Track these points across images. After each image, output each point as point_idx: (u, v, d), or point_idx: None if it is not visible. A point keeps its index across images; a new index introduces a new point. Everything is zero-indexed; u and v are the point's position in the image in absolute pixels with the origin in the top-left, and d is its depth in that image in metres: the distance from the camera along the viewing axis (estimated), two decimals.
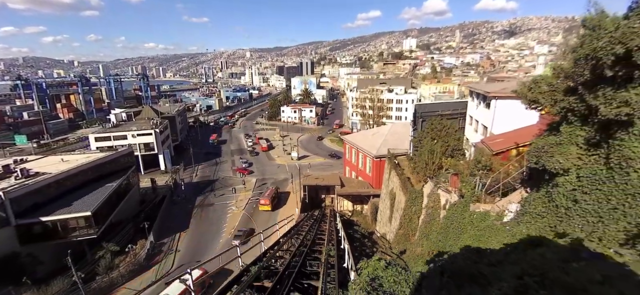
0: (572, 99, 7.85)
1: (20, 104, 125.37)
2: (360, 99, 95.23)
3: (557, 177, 8.48)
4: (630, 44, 5.92)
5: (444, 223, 14.37)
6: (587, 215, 7.38)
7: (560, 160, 8.04)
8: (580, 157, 7.93)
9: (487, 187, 12.16)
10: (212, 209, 46.72)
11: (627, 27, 6.14)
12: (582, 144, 7.96)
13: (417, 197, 19.53)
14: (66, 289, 27.69)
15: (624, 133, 7.03)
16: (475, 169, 13.50)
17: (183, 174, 61.49)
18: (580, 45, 7.33)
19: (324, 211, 38.19)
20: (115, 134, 59.45)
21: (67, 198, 34.38)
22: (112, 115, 74.33)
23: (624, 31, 6.10)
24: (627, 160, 6.95)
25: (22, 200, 31.20)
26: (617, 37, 6.10)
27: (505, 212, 11.19)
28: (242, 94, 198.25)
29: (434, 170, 19.55)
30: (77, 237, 32.01)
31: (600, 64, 6.53)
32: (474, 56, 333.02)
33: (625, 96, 6.48)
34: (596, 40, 6.58)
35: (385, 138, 42.98)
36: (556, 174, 8.42)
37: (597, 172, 7.60)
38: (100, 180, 39.01)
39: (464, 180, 14.02)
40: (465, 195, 12.97)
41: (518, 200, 11.02)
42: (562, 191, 8.25)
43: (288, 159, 70.11)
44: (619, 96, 6.62)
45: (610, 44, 6.19)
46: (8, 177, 34.78)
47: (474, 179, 13.08)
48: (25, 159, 41.98)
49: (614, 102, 6.66)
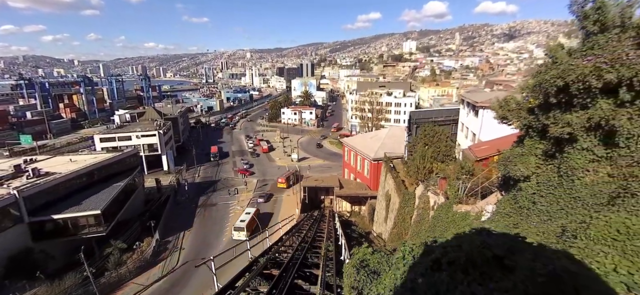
0: (531, 117, 9.39)
1: (23, 103, 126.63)
2: (359, 102, 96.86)
3: (520, 183, 10.02)
4: (568, 79, 7.47)
5: (432, 222, 15.89)
6: (541, 214, 8.91)
7: (522, 168, 9.58)
8: (539, 166, 9.47)
9: (468, 190, 13.69)
10: (214, 208, 48.18)
11: (567, 64, 7.69)
12: (540, 155, 9.51)
13: (410, 199, 21.06)
14: (78, 284, 29.09)
15: (570, 147, 8.58)
16: (460, 173, 15.03)
17: (186, 174, 62.95)
18: (536, 74, 8.88)
19: (323, 212, 39.72)
20: (120, 134, 60.89)
21: (77, 197, 35.84)
22: (116, 116, 75.81)
23: (564, 68, 7.65)
24: (572, 169, 8.49)
25: (34, 198, 32.65)
26: (559, 72, 7.64)
27: (483, 212, 12.73)
28: (242, 95, 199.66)
29: (425, 174, 21.09)
30: (87, 234, 33.45)
31: (547, 92, 8.08)
32: (474, 59, 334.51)
33: (568, 118, 8.02)
34: (544, 73, 8.13)
35: (383, 141, 44.50)
36: (520, 180, 9.96)
37: (551, 178, 9.14)
38: (107, 180, 40.48)
39: (450, 183, 15.56)
40: (449, 197, 14.50)
41: (494, 202, 12.55)
42: (524, 194, 9.78)
43: (288, 160, 71.62)
44: (563, 118, 8.17)
45: (553, 78, 7.73)
46: (20, 177, 36.27)
47: (457, 182, 14.61)
48: (35, 159, 43.41)
49: (560, 122, 8.21)
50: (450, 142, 24.45)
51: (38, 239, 32.23)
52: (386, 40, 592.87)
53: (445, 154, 22.27)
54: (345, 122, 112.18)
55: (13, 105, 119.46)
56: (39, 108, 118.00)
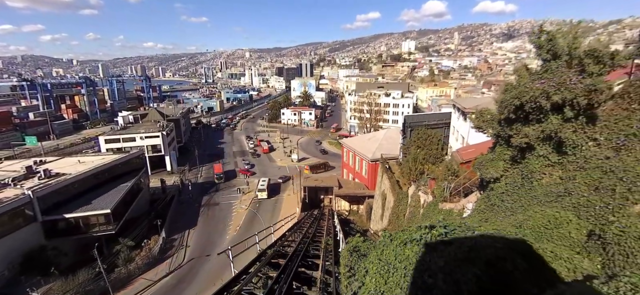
0: (499, 128, 11.05)
1: (25, 104, 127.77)
2: (358, 102, 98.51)
3: (492, 184, 11.69)
4: (523, 99, 9.13)
5: (421, 219, 17.55)
6: (507, 210, 10.58)
7: (492, 172, 11.24)
8: (506, 170, 11.14)
9: (452, 190, 15.35)
10: (218, 208, 49.79)
11: (523, 86, 9.35)
12: (508, 160, 11.17)
13: (403, 198, 22.72)
14: (90, 279, 30.67)
15: (530, 154, 10.25)
16: (446, 175, 16.69)
17: (188, 174, 64.50)
18: (502, 92, 10.54)
19: (323, 211, 41.37)
20: (124, 136, 62.36)
21: (87, 196, 37.41)
22: (120, 118, 77.27)
23: (520, 90, 9.31)
24: (531, 173, 10.16)
25: (47, 198, 34.20)
26: (516, 93, 9.30)
27: (464, 209, 14.39)
28: (242, 96, 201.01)
29: (417, 175, 22.76)
30: (97, 232, 35.03)
31: (508, 109, 9.74)
32: (472, 59, 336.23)
33: (526, 130, 9.69)
34: (506, 93, 9.79)
35: (380, 143, 46.15)
36: (491, 181, 11.63)
37: (516, 180, 10.81)
38: (115, 180, 42.02)
39: (438, 184, 17.22)
40: (436, 196, 16.16)
41: (474, 200, 14.22)
42: (495, 193, 11.45)
43: (288, 161, 73.22)
44: (522, 130, 9.84)
45: (512, 98, 9.40)
46: (32, 177, 37.79)
47: (444, 183, 16.26)
48: (45, 160, 44.89)
49: (520, 134, 9.87)
50: (442, 145, 26.10)
51: (51, 237, 33.80)
52: (385, 40, 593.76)
53: (436, 156, 23.93)
54: (345, 123, 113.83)
55: (15, 107, 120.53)
56: (41, 109, 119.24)
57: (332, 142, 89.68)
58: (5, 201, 30.69)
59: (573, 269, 5.32)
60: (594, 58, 8.50)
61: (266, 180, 55.07)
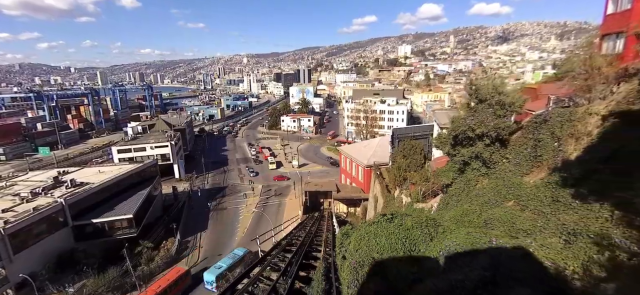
0: (449, 148, 15.47)
1: (32, 115, 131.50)
2: (354, 110, 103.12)
3: (447, 188, 16.09)
4: (456, 131, 13.55)
5: None
6: (453, 208, 14.94)
7: (445, 179, 15.63)
8: (454, 178, 15.54)
9: (424, 193, 19.71)
10: (225, 212, 53.90)
11: (457, 122, 13.77)
12: (456, 171, 15.57)
13: (391, 200, 27.05)
14: (117, 277, 34.67)
15: (468, 168, 14.66)
16: (421, 180, 21.06)
17: (196, 181, 68.56)
18: (451, 123, 14.96)
19: (322, 213, 45.65)
20: (136, 146, 66.48)
21: (110, 203, 41.53)
22: (129, 128, 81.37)
23: (456, 124, 13.74)
24: (469, 180, 14.57)
25: (75, 205, 38.28)
26: (453, 127, 13.73)
27: (432, 208, 18.75)
28: (242, 103, 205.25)
29: (401, 180, 27.11)
30: (121, 235, 39.07)
31: (451, 136, 14.17)
32: (467, 63, 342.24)
33: (462, 151, 14.10)
34: (452, 124, 14.21)
35: (375, 150, 50.53)
36: (446, 186, 16.02)
37: (460, 186, 15.21)
38: (133, 188, 46.16)
39: (415, 188, 21.57)
40: (412, 197, 20.51)
41: (438, 200, 18.58)
42: (448, 195, 15.84)
43: (289, 167, 77.43)
44: (461, 151, 14.25)
45: (449, 131, 13.82)
46: (59, 187, 41.87)
47: (418, 187, 20.62)
48: (67, 171, 48.95)
49: (459, 154, 14.27)
50: (424, 155, 30.46)
51: (80, 239, 37.83)
52: (382, 44, 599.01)
53: (418, 164, 28.24)
54: (342, 129, 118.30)
55: (23, 117, 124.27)
56: (47, 119, 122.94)
57: (331, 148, 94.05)
58: (42, 208, 34.78)
59: (464, 234, 9.63)
60: (501, 105, 12.93)
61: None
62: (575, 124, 11.49)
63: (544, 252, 6.70)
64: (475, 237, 7.81)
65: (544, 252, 6.71)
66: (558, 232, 7.69)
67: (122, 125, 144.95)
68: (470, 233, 7.97)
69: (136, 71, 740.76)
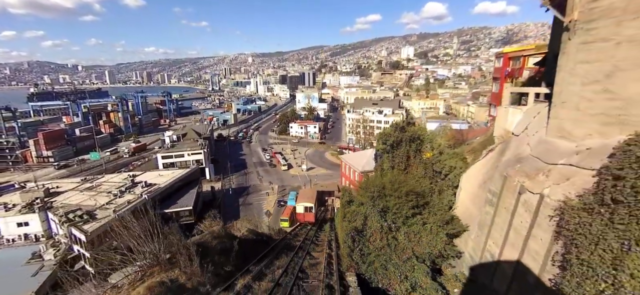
0: (387, 155, 30.63)
1: (68, 121, 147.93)
2: (354, 120, 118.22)
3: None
4: (388, 141, 28.75)
5: None
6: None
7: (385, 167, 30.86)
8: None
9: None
10: (251, 206, 69.38)
11: (388, 134, 29.00)
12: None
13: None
14: None
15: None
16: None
17: (224, 182, 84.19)
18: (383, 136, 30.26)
19: (327, 207, 60.89)
20: (176, 153, 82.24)
21: (172, 198, 57.11)
22: (166, 137, 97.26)
23: (378, 148, 28.97)
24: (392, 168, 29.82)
25: (153, 199, 53.81)
26: (380, 148, 28.92)
27: None
28: (251, 107, 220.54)
29: None
30: (184, 221, 54.60)
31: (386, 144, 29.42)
32: (466, 68, 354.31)
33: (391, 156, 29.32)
34: (382, 137, 29.46)
35: (368, 159, 65.59)
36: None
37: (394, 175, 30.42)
38: (185, 187, 61.75)
39: None
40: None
41: None
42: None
43: (299, 170, 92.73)
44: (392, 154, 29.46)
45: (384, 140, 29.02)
46: (135, 187, 57.56)
47: None
48: (135, 174, 64.72)
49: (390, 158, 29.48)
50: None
51: None
52: (386, 44, 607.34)
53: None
54: (345, 136, 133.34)
55: (63, 124, 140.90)
56: (82, 125, 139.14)
57: (334, 153, 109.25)
58: (135, 201, 50.43)
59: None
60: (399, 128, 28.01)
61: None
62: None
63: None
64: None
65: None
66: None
67: (146, 130, 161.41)
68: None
69: (143, 70, 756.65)
